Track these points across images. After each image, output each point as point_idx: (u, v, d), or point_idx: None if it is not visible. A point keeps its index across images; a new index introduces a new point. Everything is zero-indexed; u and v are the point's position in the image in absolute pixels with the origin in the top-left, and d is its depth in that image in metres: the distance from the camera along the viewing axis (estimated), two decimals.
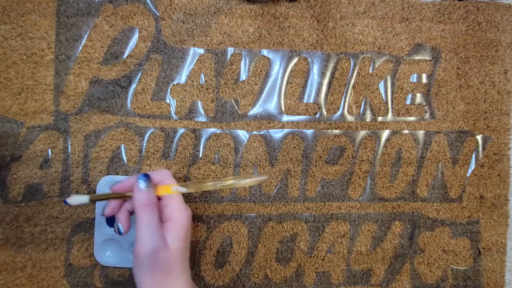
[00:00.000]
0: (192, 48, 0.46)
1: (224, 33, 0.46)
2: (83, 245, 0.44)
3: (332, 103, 0.48)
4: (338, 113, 0.48)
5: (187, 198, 0.46)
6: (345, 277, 0.48)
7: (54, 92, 0.44)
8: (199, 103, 0.46)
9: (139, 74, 0.45)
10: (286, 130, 0.47)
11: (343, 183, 0.48)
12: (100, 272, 0.44)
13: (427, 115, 0.49)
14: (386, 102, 0.49)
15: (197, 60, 0.46)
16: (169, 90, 0.46)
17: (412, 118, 0.49)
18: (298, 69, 0.47)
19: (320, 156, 0.48)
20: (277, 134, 0.47)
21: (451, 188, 0.50)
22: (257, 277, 0.47)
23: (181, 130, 0.46)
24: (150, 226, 0.34)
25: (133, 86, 0.45)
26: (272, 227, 0.47)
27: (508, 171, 0.50)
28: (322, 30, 0.47)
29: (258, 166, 0.47)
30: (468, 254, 0.50)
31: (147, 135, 0.45)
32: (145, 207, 0.34)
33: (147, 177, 0.36)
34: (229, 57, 0.46)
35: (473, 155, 0.50)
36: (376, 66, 0.48)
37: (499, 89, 0.50)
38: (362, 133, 0.48)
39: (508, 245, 0.50)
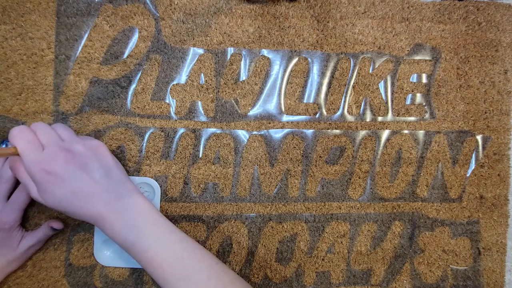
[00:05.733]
0: (192, 48, 0.46)
1: (224, 33, 0.46)
2: (83, 245, 0.44)
3: (332, 103, 0.48)
4: (338, 113, 0.48)
5: (184, 197, 0.46)
6: (345, 277, 0.48)
7: (54, 92, 0.44)
8: (199, 103, 0.46)
9: (139, 74, 0.45)
10: (286, 130, 0.47)
11: (343, 183, 0.48)
12: (100, 272, 0.44)
13: (427, 115, 0.49)
14: (386, 102, 0.49)
15: (197, 60, 0.46)
16: (169, 90, 0.46)
17: (412, 118, 0.49)
18: (298, 69, 0.47)
19: (320, 156, 0.48)
20: (277, 134, 0.47)
21: (451, 188, 0.50)
22: (257, 277, 0.47)
23: (181, 130, 0.46)
24: None
25: (133, 86, 0.45)
26: (272, 227, 0.47)
27: (508, 171, 0.50)
28: (322, 30, 0.47)
29: (258, 166, 0.47)
30: (468, 254, 0.50)
31: (147, 135, 0.45)
32: None
33: None
34: (229, 57, 0.46)
35: (473, 155, 0.50)
36: (376, 66, 0.48)
37: (499, 89, 0.50)
38: (362, 133, 0.48)
39: (508, 245, 0.50)
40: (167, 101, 0.46)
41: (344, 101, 0.48)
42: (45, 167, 0.34)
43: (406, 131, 0.49)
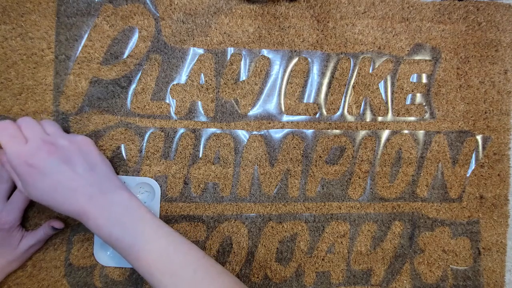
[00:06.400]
0: (192, 48, 0.46)
1: (224, 33, 0.46)
2: (83, 245, 0.44)
3: (332, 103, 0.48)
4: (338, 113, 0.48)
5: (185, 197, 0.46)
6: (345, 277, 0.48)
7: (54, 92, 0.44)
8: (199, 103, 0.46)
9: (139, 74, 0.45)
10: (286, 130, 0.47)
11: (343, 183, 0.48)
12: (100, 272, 0.44)
13: (427, 115, 0.49)
14: (386, 102, 0.49)
15: (197, 60, 0.46)
16: (169, 90, 0.46)
17: (412, 118, 0.49)
18: (298, 69, 0.47)
19: (320, 156, 0.48)
20: (277, 134, 0.47)
21: (451, 188, 0.50)
22: (257, 277, 0.47)
23: (181, 130, 0.46)
24: None
25: (133, 86, 0.45)
26: (272, 227, 0.47)
27: (508, 171, 0.50)
28: (322, 30, 0.48)
29: (258, 166, 0.47)
30: (468, 254, 0.50)
31: (147, 135, 0.45)
32: None
33: None
34: (229, 57, 0.46)
35: (473, 155, 0.50)
36: (376, 66, 0.48)
37: (499, 89, 0.50)
38: (362, 133, 0.48)
39: (508, 245, 0.50)
40: (167, 101, 0.46)
41: (344, 101, 0.48)
42: (27, 160, 0.34)
43: (406, 131, 0.49)
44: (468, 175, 0.50)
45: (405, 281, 0.49)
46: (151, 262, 0.34)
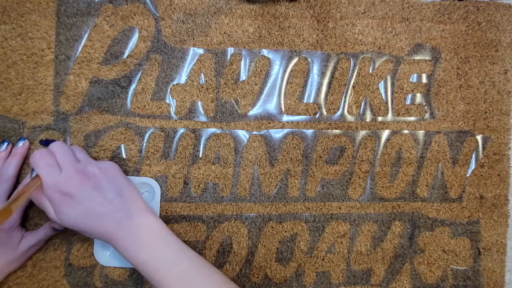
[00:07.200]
0: (192, 48, 0.46)
1: (224, 33, 0.46)
2: (83, 245, 0.44)
3: (332, 103, 0.48)
4: (338, 113, 0.48)
5: (186, 197, 0.46)
6: (345, 277, 0.48)
7: (54, 92, 0.44)
8: (199, 103, 0.46)
9: (139, 74, 0.45)
10: (286, 130, 0.47)
11: (343, 183, 0.48)
12: (100, 272, 0.44)
13: (427, 115, 0.49)
14: (386, 102, 0.49)
15: (197, 60, 0.46)
16: (169, 90, 0.46)
17: (412, 118, 0.49)
18: (298, 69, 0.47)
19: (320, 156, 0.48)
20: (277, 134, 0.47)
21: (451, 188, 0.50)
22: (257, 277, 0.47)
23: (181, 130, 0.46)
24: None
25: (133, 86, 0.45)
26: (272, 227, 0.47)
27: (508, 171, 0.50)
28: (322, 30, 0.48)
29: (258, 166, 0.47)
30: (468, 254, 0.50)
31: (147, 135, 0.45)
32: None
33: None
34: (229, 57, 0.46)
35: (473, 155, 0.50)
36: (376, 66, 0.48)
37: (499, 89, 0.50)
38: (362, 133, 0.48)
39: (508, 245, 0.50)
40: (167, 101, 0.46)
41: (344, 101, 0.48)
42: (62, 188, 0.36)
43: (406, 131, 0.49)
44: (468, 175, 0.50)
45: (405, 281, 0.49)
46: (173, 286, 0.35)
